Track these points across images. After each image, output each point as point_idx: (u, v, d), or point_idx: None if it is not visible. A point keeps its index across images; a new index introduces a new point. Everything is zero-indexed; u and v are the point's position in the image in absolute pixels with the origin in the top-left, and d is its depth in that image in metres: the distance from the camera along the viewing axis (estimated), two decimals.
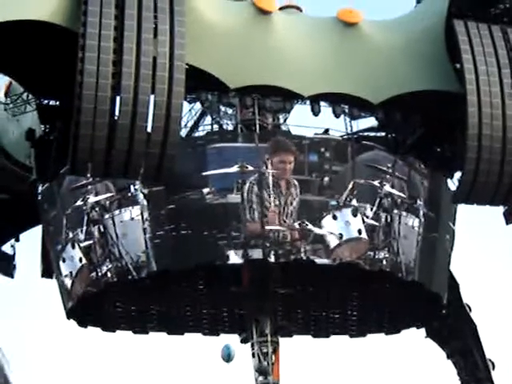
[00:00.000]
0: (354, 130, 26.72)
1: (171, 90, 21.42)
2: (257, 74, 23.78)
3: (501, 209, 25.17)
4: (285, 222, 24.12)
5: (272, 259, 24.05)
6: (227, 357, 25.47)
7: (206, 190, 24.12)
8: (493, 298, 39.77)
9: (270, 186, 23.97)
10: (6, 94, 26.88)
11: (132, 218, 24.31)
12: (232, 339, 26.58)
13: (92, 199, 24.54)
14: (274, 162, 24.21)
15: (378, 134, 27.09)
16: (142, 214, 24.23)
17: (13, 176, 27.44)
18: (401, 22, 25.65)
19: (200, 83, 23.57)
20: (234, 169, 24.01)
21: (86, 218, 24.61)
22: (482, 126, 23.22)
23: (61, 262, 25.21)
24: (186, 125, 26.74)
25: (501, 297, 42.10)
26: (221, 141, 24.77)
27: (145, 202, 24.24)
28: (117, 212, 24.45)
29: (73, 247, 24.84)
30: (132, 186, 24.25)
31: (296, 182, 24.40)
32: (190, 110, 27.15)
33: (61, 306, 25.62)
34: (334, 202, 24.52)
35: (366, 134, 27.06)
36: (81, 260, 24.73)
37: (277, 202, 24.09)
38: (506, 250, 35.92)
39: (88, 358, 39.92)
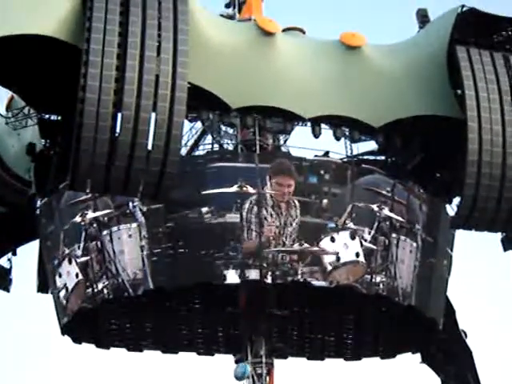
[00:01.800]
0: (354, 153, 26.74)
1: (172, 109, 21.48)
2: (258, 95, 23.85)
3: (499, 235, 25.19)
4: (284, 243, 24.10)
5: (269, 280, 24.01)
6: (241, 375, 25.29)
7: (204, 209, 24.11)
8: (489, 325, 39.70)
9: (269, 207, 23.98)
10: (8, 108, 26.86)
11: (130, 235, 24.28)
12: (226, 360, 26.53)
13: (90, 215, 24.52)
14: (273, 183, 24.24)
15: (378, 158, 27.10)
16: (139, 231, 24.20)
17: (12, 190, 27.40)
18: (403, 46, 25.75)
19: (201, 102, 23.63)
20: (234, 189, 24.03)
21: (83, 233, 24.58)
22: (482, 153, 23.29)
23: (57, 277, 25.15)
24: (186, 143, 26.76)
25: (497, 323, 42.03)
26: (221, 160, 24.79)
27: (143, 220, 24.21)
28: (115, 228, 24.41)
29: (69, 263, 24.79)
30: (131, 203, 24.23)
31: (297, 203, 24.39)
32: (190, 129, 27.17)
33: (56, 321, 25.57)
34: (332, 225, 24.51)
35: (366, 157, 27.07)
36: (77, 276, 24.67)
37: (277, 223, 24.09)
38: (503, 276, 35.89)
39: (82, 374, 39.75)
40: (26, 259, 28.44)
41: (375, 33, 28.81)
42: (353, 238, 24.44)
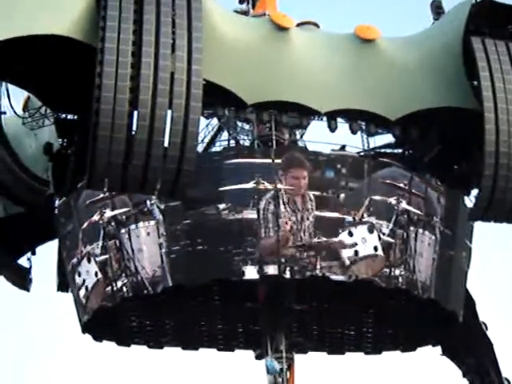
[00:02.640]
0: (371, 146, 26.67)
1: (188, 106, 21.50)
2: (274, 90, 23.82)
3: None
4: (301, 238, 24.07)
5: (287, 275, 23.99)
6: (273, 370, 25.27)
7: (221, 206, 24.12)
8: (510, 316, 39.51)
9: (285, 203, 23.95)
10: (24, 108, 26.99)
11: (148, 233, 24.32)
12: (247, 355, 26.57)
13: (108, 214, 24.58)
14: (287, 178, 24.21)
15: (395, 151, 27.03)
16: (157, 228, 24.24)
17: (30, 189, 27.53)
18: (418, 38, 25.66)
19: (217, 99, 23.63)
20: (250, 185, 24.02)
21: (102, 232, 24.65)
22: (500, 144, 23.17)
23: (76, 276, 25.25)
24: (202, 140, 26.78)
25: None
26: (237, 156, 24.78)
27: (161, 217, 24.24)
28: (133, 227, 24.47)
29: (88, 261, 24.87)
30: (148, 201, 24.27)
31: (312, 196, 24.35)
32: (206, 126, 27.18)
33: (76, 320, 25.67)
34: (350, 219, 24.47)
35: (382, 150, 27.00)
36: (96, 274, 24.76)
37: (293, 219, 24.06)
38: None
39: (103, 372, 39.89)
40: (45, 259, 28.58)
41: (390, 25, 28.75)
42: (371, 231, 24.39)
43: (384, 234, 24.51)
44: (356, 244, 24.16)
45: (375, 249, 24.37)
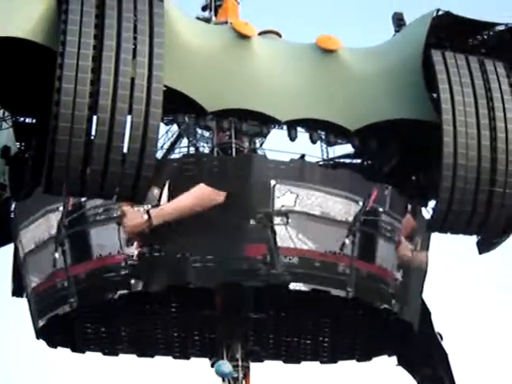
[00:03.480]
0: (330, 156, 26.77)
1: (148, 112, 21.40)
2: (234, 98, 23.81)
3: (474, 238, 25.28)
4: None
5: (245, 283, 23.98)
6: (224, 374, 25.17)
7: None
8: (464, 327, 39.86)
9: None
10: None
11: None
12: (202, 363, 26.49)
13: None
14: None
15: (354, 161, 27.15)
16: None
17: None
18: (379, 50, 25.80)
19: (177, 105, 23.55)
20: None
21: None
22: (457, 156, 23.36)
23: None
24: (162, 146, 26.68)
25: (472, 325, 42.22)
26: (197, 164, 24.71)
27: None
28: None
29: None
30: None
31: None
32: (166, 132, 27.13)
33: (31, 325, 25.42)
34: None
35: (342, 160, 27.11)
36: None
37: None
38: (478, 279, 36.08)
39: (56, 378, 39.55)
40: (0, 263, 28.26)
41: (351, 36, 28.93)
42: None
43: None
44: None
45: None
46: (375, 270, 24.84)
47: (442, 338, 28.59)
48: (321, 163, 26.58)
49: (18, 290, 26.77)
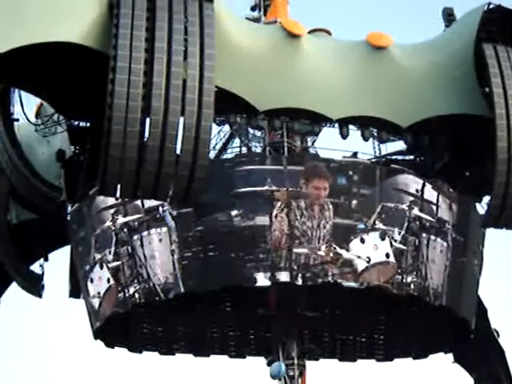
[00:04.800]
0: (383, 153, 26.68)
1: (200, 113, 21.56)
2: (285, 97, 23.86)
3: None
4: (315, 245, 24.07)
5: (299, 282, 24.01)
6: (277, 373, 25.25)
7: (234, 212, 24.15)
8: None
9: (302, 209, 23.98)
10: (37, 115, 27.12)
11: (160, 240, 24.37)
12: (258, 362, 26.56)
13: (121, 220, 24.64)
14: (308, 187, 24.21)
15: (407, 158, 27.03)
16: (170, 235, 24.28)
17: (42, 196, 27.62)
18: (430, 45, 25.67)
19: (229, 106, 23.69)
20: (263, 189, 24.04)
21: (114, 238, 24.70)
22: None
23: (89, 283, 25.29)
24: (214, 147, 26.84)
25: None
26: (250, 163, 24.81)
27: (173, 224, 24.29)
28: (145, 233, 24.51)
29: (101, 268, 24.92)
30: (161, 208, 24.32)
31: (330, 206, 24.34)
32: (218, 133, 27.24)
33: (88, 326, 25.72)
34: (361, 225, 24.47)
35: (394, 157, 27.01)
36: (109, 281, 24.80)
37: (309, 224, 24.08)
38: None
39: (114, 378, 39.94)
40: (57, 265, 28.66)
41: (401, 32, 28.74)
42: (383, 238, 24.38)
43: (396, 240, 24.49)
44: (369, 259, 24.09)
45: (387, 256, 24.36)
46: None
47: (498, 335, 28.35)
48: (373, 160, 26.49)
49: (75, 291, 27.12)
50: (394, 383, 34.04)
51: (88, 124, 25.18)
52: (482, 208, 25.73)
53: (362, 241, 24.27)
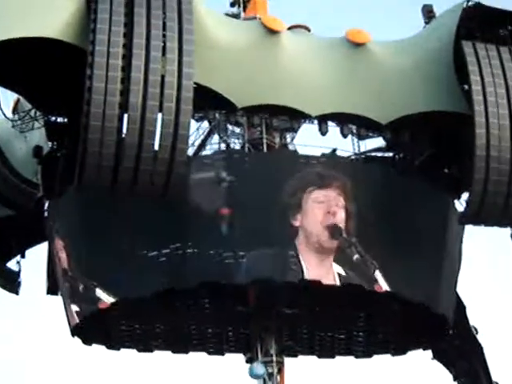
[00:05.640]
0: (362, 150, 26.67)
1: (179, 109, 21.45)
2: (265, 94, 23.79)
3: (508, 230, 25.10)
4: None
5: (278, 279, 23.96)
6: (258, 375, 25.18)
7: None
8: (499, 320, 39.57)
9: None
10: (14, 111, 26.89)
11: None
12: (237, 359, 26.50)
13: None
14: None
15: (386, 155, 27.04)
16: None
17: (19, 192, 27.44)
18: (409, 42, 25.67)
19: (208, 102, 23.59)
20: None
21: None
22: (490, 148, 23.19)
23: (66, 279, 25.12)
24: (193, 143, 26.74)
25: (507, 319, 41.88)
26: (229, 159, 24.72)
27: None
28: None
29: None
30: None
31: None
32: (197, 129, 27.14)
33: (66, 323, 25.57)
34: None
35: (373, 154, 27.01)
36: None
37: None
38: None
39: (92, 375, 39.79)
40: (35, 262, 28.48)
41: (381, 29, 28.78)
42: None
43: None
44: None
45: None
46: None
47: (477, 332, 28.43)
48: (352, 157, 26.47)
49: (52, 288, 26.94)
50: (373, 380, 34.09)
51: (65, 120, 24.99)
52: (460, 205, 25.80)
53: None
